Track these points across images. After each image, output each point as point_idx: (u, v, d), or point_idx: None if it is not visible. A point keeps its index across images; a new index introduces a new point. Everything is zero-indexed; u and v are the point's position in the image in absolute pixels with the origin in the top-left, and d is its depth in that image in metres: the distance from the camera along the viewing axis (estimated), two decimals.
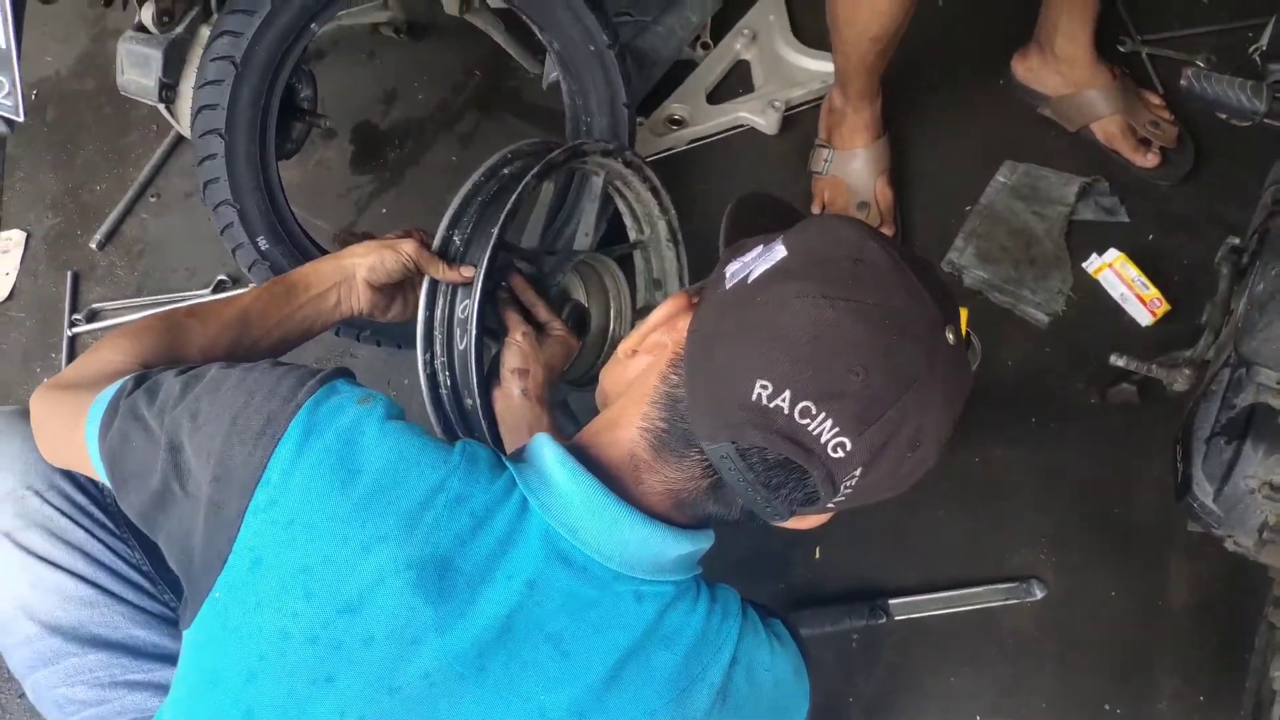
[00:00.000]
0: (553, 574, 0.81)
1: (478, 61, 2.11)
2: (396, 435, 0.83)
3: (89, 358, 1.05)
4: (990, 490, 1.65)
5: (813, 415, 0.75)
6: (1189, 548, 1.56)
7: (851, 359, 0.75)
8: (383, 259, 1.21)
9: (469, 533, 0.80)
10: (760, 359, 0.76)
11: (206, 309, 1.13)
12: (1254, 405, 1.14)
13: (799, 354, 0.75)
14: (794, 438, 0.76)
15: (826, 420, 0.75)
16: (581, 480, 0.82)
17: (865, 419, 0.75)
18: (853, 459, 0.76)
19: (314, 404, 0.83)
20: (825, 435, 0.75)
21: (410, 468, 0.82)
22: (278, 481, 0.80)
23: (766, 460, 0.77)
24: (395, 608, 0.78)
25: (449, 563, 0.79)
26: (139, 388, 0.92)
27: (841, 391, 0.75)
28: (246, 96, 1.46)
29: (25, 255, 2.04)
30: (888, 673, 1.55)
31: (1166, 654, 1.53)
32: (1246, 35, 1.89)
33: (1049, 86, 1.87)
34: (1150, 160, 1.82)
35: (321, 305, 1.20)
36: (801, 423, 0.75)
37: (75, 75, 2.21)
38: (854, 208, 1.83)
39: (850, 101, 1.79)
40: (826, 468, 0.77)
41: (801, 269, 0.78)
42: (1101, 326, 1.74)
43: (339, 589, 0.78)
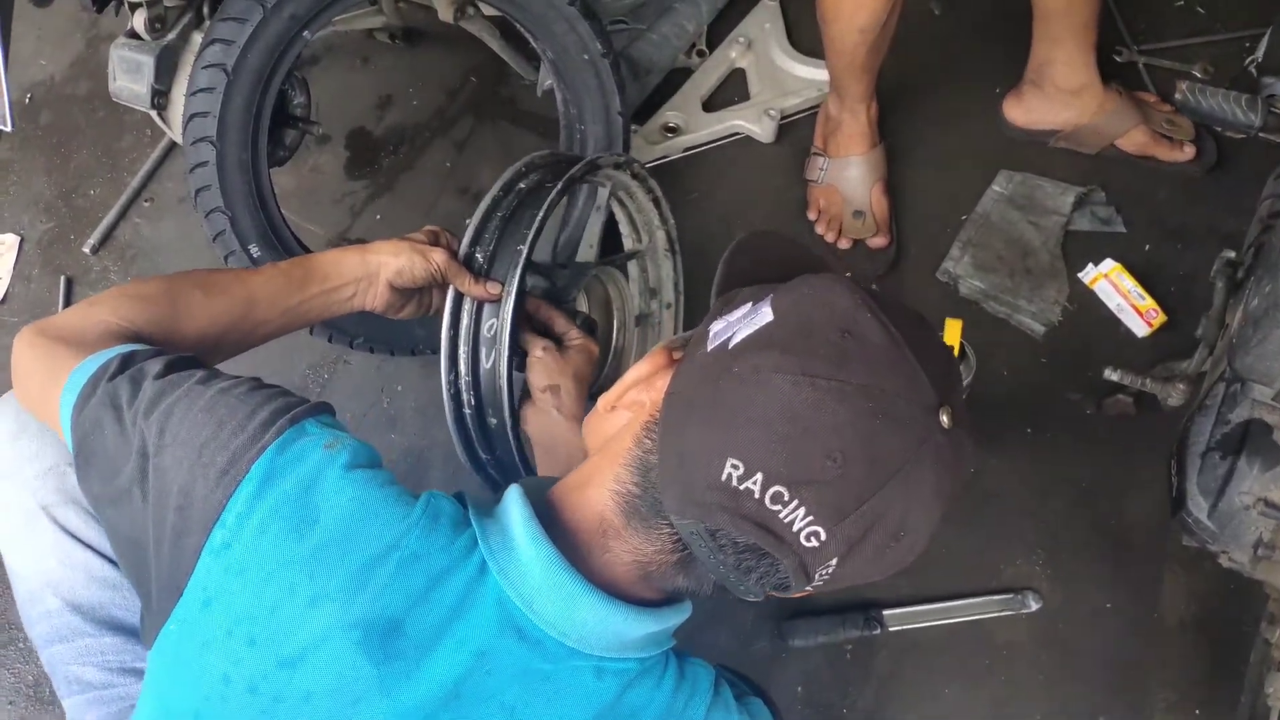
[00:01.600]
0: (505, 645, 0.78)
1: (473, 68, 2.10)
2: (357, 485, 0.80)
3: (84, 310, 1.01)
4: (985, 501, 1.64)
5: (785, 502, 0.71)
6: (1184, 561, 1.55)
7: (829, 445, 0.70)
8: (411, 264, 1.18)
9: (421, 594, 0.77)
10: (733, 437, 0.72)
11: (214, 281, 1.10)
12: (1249, 421, 1.13)
13: (773, 436, 0.71)
14: (764, 524, 0.71)
15: (799, 508, 0.71)
16: (542, 548, 0.78)
17: (842, 509, 0.71)
18: (827, 549, 0.72)
19: (280, 446, 0.81)
20: (798, 524, 0.71)
21: (367, 521, 0.79)
22: (234, 525, 0.78)
23: (737, 544, 0.73)
24: (337, 666, 0.75)
25: (397, 624, 0.76)
26: (123, 372, 0.89)
27: (817, 479, 0.70)
28: (238, 104, 1.45)
29: (18, 259, 2.03)
30: (882, 684, 1.54)
31: (1161, 668, 1.52)
32: (1243, 45, 1.88)
33: (1058, 121, 1.83)
34: (1188, 152, 1.81)
35: (336, 297, 1.17)
36: (772, 509, 0.71)
37: (69, 80, 2.20)
38: (849, 216, 1.82)
39: (846, 106, 1.78)
40: (799, 557, 0.72)
41: (785, 339, 0.74)
42: (1097, 337, 1.73)
43: (282, 642, 0.76)
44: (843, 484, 0.70)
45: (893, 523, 0.72)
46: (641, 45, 1.98)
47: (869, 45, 1.63)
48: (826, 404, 0.70)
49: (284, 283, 1.13)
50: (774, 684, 1.54)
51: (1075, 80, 1.79)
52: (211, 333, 1.06)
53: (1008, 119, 1.89)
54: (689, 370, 0.78)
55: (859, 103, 1.77)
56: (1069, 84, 1.80)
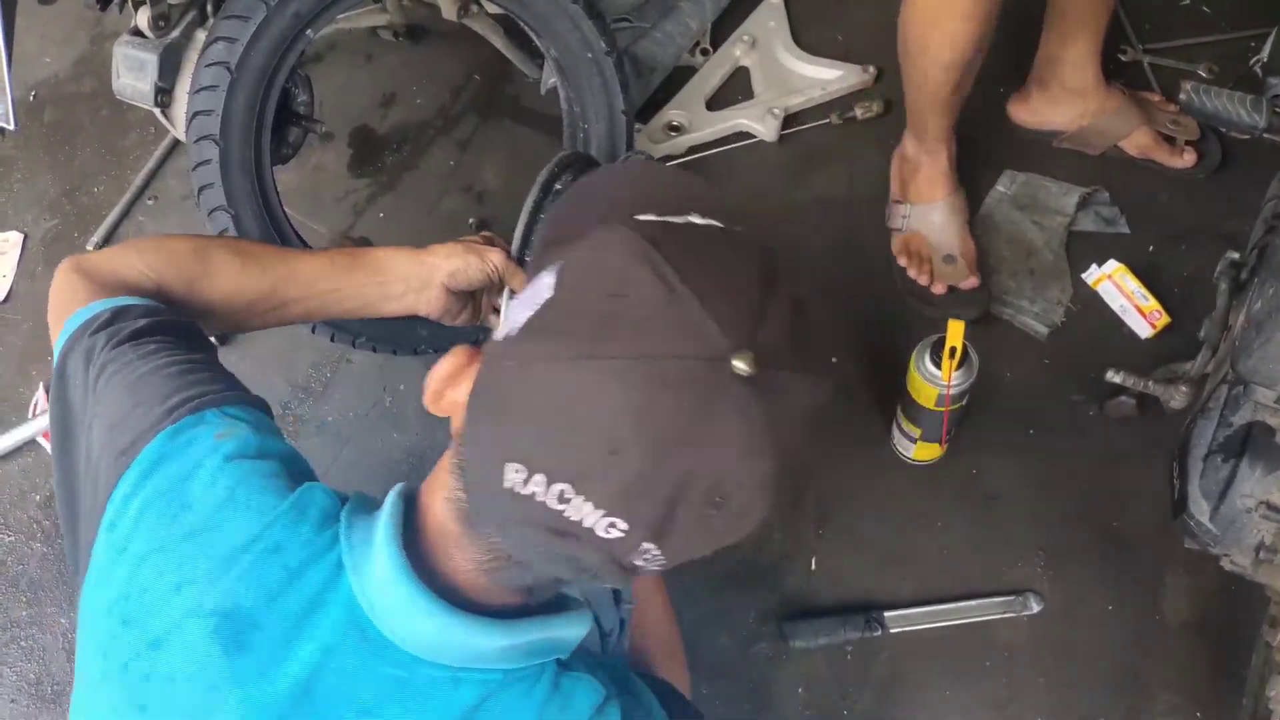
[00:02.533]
0: (350, 645, 0.74)
1: (476, 66, 2.10)
2: (234, 474, 0.80)
3: (117, 253, 1.02)
4: (987, 502, 1.64)
5: (568, 499, 0.64)
6: (1186, 564, 1.55)
7: (600, 431, 0.63)
8: (467, 265, 1.14)
9: (279, 587, 0.75)
10: (509, 439, 0.67)
11: (252, 251, 1.09)
12: (1251, 424, 1.13)
13: (544, 433, 0.65)
14: (556, 527, 0.66)
15: (586, 503, 0.64)
16: (389, 549, 0.74)
17: (630, 493, 0.64)
18: (633, 537, 0.65)
19: (173, 432, 0.81)
20: (589, 519, 0.65)
21: (236, 511, 0.78)
22: (120, 504, 0.79)
23: (546, 548, 0.68)
24: (193, 653, 0.74)
25: (251, 616, 0.74)
26: (106, 327, 0.90)
27: (595, 469, 0.64)
28: (241, 102, 1.45)
29: (22, 257, 2.04)
30: (882, 686, 1.54)
31: (1163, 670, 1.52)
32: (1249, 45, 1.88)
33: (1061, 121, 1.83)
34: (1189, 159, 1.81)
35: (383, 291, 1.13)
36: (558, 509, 0.65)
37: (73, 77, 2.21)
38: (939, 261, 1.75)
39: (924, 147, 1.72)
40: (605, 551, 0.66)
41: (553, 320, 0.67)
42: (1101, 338, 1.73)
43: (149, 623, 0.76)
44: (623, 468, 0.63)
45: (701, 491, 0.64)
46: (645, 43, 1.98)
47: (954, 83, 1.58)
48: (588, 386, 0.64)
49: (327, 266, 1.11)
50: (775, 685, 1.54)
51: (1081, 80, 1.78)
52: (238, 300, 1.06)
53: (1013, 119, 1.88)
54: (484, 366, 0.73)
55: (938, 142, 1.71)
56: (1075, 84, 1.79)
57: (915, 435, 1.59)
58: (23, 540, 1.78)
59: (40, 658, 1.69)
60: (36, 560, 1.76)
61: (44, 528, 1.79)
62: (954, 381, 1.46)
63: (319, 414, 1.80)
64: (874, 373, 1.73)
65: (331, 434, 1.79)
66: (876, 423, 1.69)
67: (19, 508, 1.81)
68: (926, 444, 1.60)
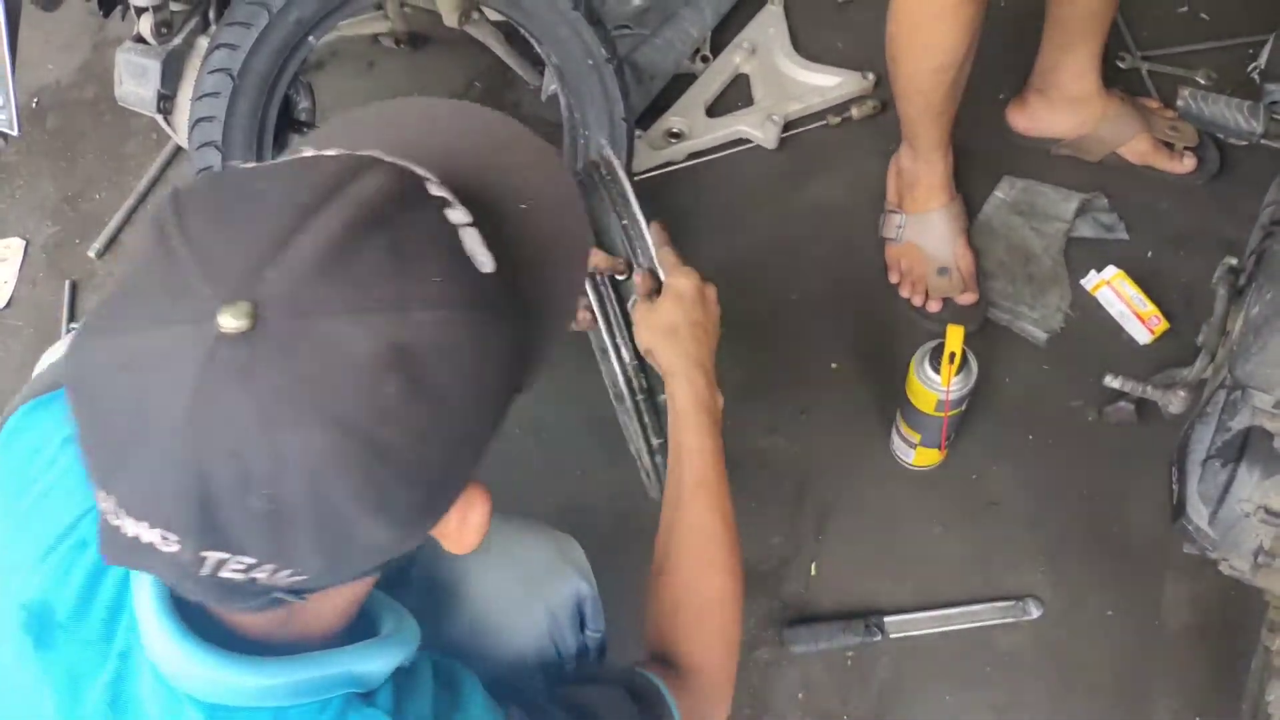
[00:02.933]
0: (139, 658, 0.68)
1: (477, 73, 2.11)
2: (70, 457, 0.74)
3: None
4: (986, 508, 1.64)
5: (118, 512, 0.56)
6: (1186, 569, 1.55)
7: (105, 423, 0.55)
8: None
9: (81, 588, 0.71)
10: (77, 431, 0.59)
11: None
12: (1249, 428, 1.13)
13: (80, 426, 0.57)
14: (123, 545, 0.58)
15: (128, 515, 0.56)
16: None
17: (150, 495, 0.55)
18: (188, 547, 0.56)
19: (32, 407, 0.79)
20: (142, 534, 0.56)
21: (64, 497, 0.73)
22: None
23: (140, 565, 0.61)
24: (12, 644, 0.71)
25: (53, 614, 0.70)
26: None
27: (113, 466, 0.56)
28: (243, 109, 1.46)
29: (24, 263, 2.04)
30: (882, 691, 1.54)
31: (1163, 675, 1.52)
32: (1246, 52, 1.88)
33: (1061, 129, 1.82)
34: (1188, 164, 1.81)
35: None
36: (115, 525, 0.57)
37: (76, 84, 2.21)
38: (933, 274, 1.75)
39: (920, 156, 1.71)
40: (178, 567, 0.57)
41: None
42: (1100, 344, 1.73)
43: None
44: (133, 466, 0.54)
45: (228, 482, 0.53)
46: (645, 50, 1.99)
47: (945, 87, 1.56)
48: (85, 378, 0.56)
49: None
50: (774, 690, 1.54)
51: (1081, 88, 1.79)
52: None
53: (1012, 127, 1.88)
54: None
55: (934, 151, 1.70)
56: (1074, 91, 1.79)
57: (915, 441, 1.59)
58: None
59: None
60: None
61: None
62: (953, 387, 1.46)
63: None
64: (873, 378, 1.74)
65: None
66: (876, 428, 1.69)
67: None
68: (926, 449, 1.60)
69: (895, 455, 1.67)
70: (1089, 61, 1.76)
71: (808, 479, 1.67)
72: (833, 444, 1.70)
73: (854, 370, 1.76)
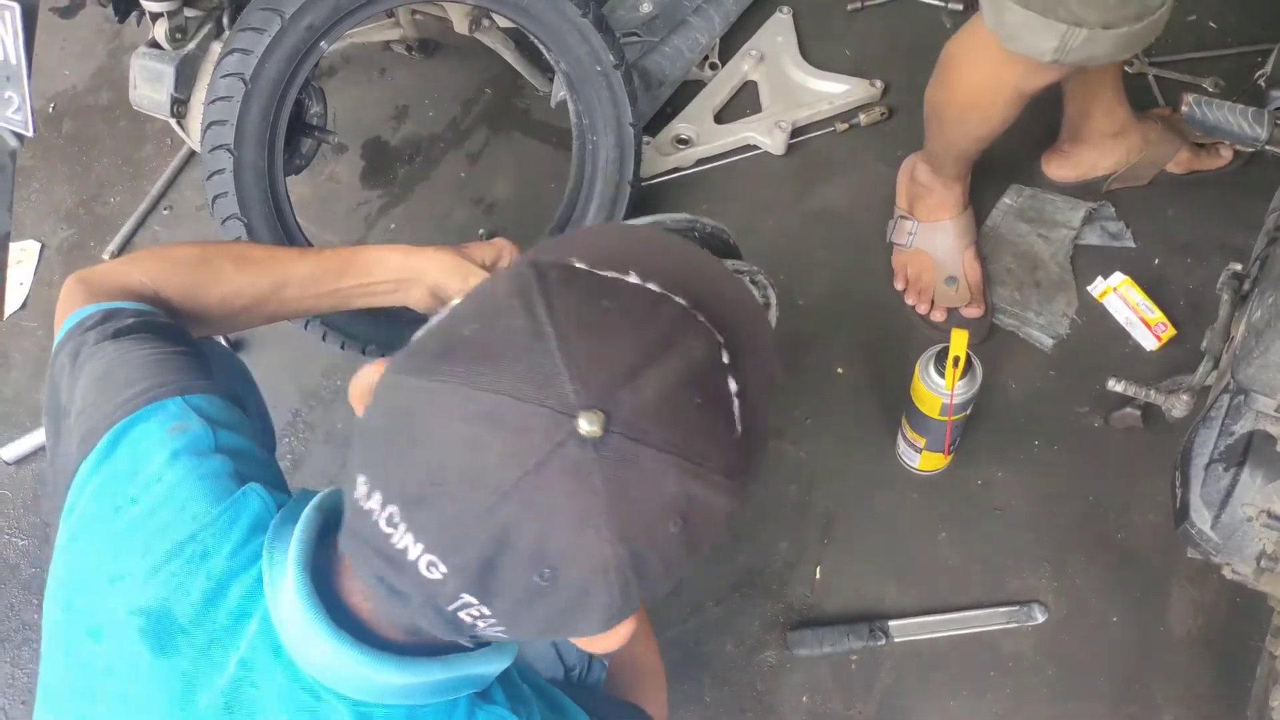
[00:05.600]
0: (264, 660, 0.73)
1: (487, 79, 2.12)
2: (178, 472, 0.79)
3: (118, 264, 1.05)
4: (992, 512, 1.64)
5: (396, 524, 0.61)
6: (1191, 574, 1.55)
7: (430, 455, 0.60)
8: (449, 282, 1.15)
9: (204, 596, 0.74)
10: (361, 449, 0.64)
11: (247, 256, 1.11)
12: (1252, 432, 1.13)
13: (382, 446, 0.63)
14: (383, 550, 0.62)
15: (409, 533, 0.61)
16: (297, 570, 0.71)
17: (448, 532, 0.60)
18: (451, 583, 0.61)
19: (131, 422, 0.82)
20: (412, 551, 0.61)
21: (176, 511, 0.77)
22: (75, 492, 0.80)
23: (379, 575, 0.65)
24: (125, 649, 0.74)
25: (176, 620, 0.74)
26: (97, 326, 0.92)
27: (421, 496, 0.60)
28: (256, 113, 1.48)
29: (39, 266, 2.06)
30: (886, 695, 1.54)
31: (1167, 681, 1.52)
32: (1254, 60, 1.89)
33: (1108, 166, 1.82)
34: (1226, 155, 1.82)
35: (374, 290, 1.16)
36: (386, 532, 0.61)
37: (91, 89, 2.24)
38: (941, 283, 1.76)
39: (940, 180, 1.73)
40: (424, 590, 0.62)
41: (420, 339, 0.65)
42: (1106, 350, 1.73)
43: (88, 613, 0.76)
44: (445, 501, 0.60)
45: (525, 553, 0.59)
46: (654, 57, 2.00)
47: (986, 145, 1.60)
48: (417, 408, 0.61)
49: (319, 271, 1.13)
50: (779, 694, 1.55)
51: (1116, 123, 1.78)
52: (234, 305, 1.08)
53: (1054, 178, 1.87)
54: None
55: (955, 179, 1.72)
56: (1111, 129, 1.79)
57: (920, 445, 1.60)
58: (36, 544, 1.80)
59: None
60: (49, 564, 1.78)
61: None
62: (957, 391, 1.47)
63: (329, 421, 1.82)
64: (879, 383, 1.74)
65: (340, 442, 1.80)
66: (882, 432, 1.69)
67: (33, 512, 1.83)
68: (931, 454, 1.61)
69: (900, 460, 1.67)
70: (1116, 96, 1.76)
71: (813, 483, 1.68)
72: (838, 448, 1.71)
73: (859, 375, 1.76)
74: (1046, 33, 1.29)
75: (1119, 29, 1.28)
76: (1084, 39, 1.28)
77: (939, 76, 1.56)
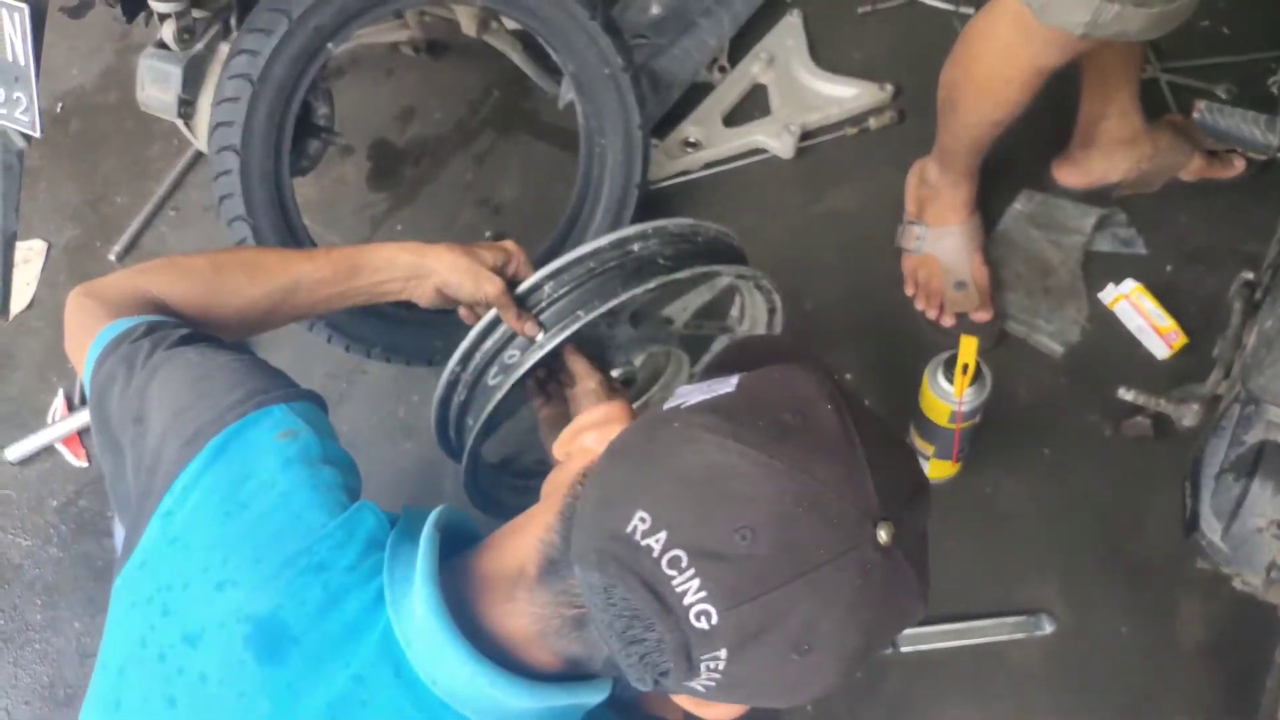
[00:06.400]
0: (381, 678, 0.74)
1: (495, 81, 2.12)
2: (292, 480, 0.80)
3: (128, 276, 1.04)
4: (1000, 521, 1.63)
5: (681, 568, 0.64)
6: (1201, 585, 1.53)
7: (741, 517, 0.64)
8: (460, 284, 1.16)
9: (319, 608, 0.75)
10: (648, 488, 0.67)
11: (259, 265, 1.11)
12: (1263, 443, 1.12)
13: (687, 495, 0.66)
14: (655, 587, 0.65)
15: (695, 579, 0.64)
16: (427, 588, 0.73)
17: (739, 592, 0.64)
18: (716, 635, 0.65)
19: (240, 427, 0.82)
20: (690, 597, 0.64)
21: (290, 520, 0.78)
22: (179, 495, 0.80)
23: (629, 605, 0.67)
24: (226, 655, 0.74)
25: (288, 629, 0.74)
26: (147, 336, 0.92)
27: (720, 551, 0.64)
28: (263, 114, 1.48)
29: (45, 265, 2.06)
30: (892, 704, 1.53)
31: (1176, 693, 1.50)
32: (1268, 67, 1.87)
33: (1119, 173, 1.81)
34: (1239, 165, 1.81)
35: (383, 289, 1.17)
36: (668, 573, 0.65)
37: (99, 89, 2.24)
38: (950, 288, 1.76)
39: (949, 179, 1.72)
40: (683, 634, 0.65)
41: (730, 407, 0.69)
42: (1117, 358, 1.72)
43: (188, 617, 0.76)
44: (746, 564, 0.64)
45: (796, 628, 0.65)
46: (663, 60, 1.99)
47: (998, 133, 1.59)
48: (749, 474, 0.65)
49: (330, 273, 1.13)
50: None
51: (1130, 129, 1.77)
52: (250, 315, 1.09)
53: (1064, 184, 1.86)
54: (637, 422, 0.75)
55: (964, 177, 1.72)
56: (1124, 134, 1.78)
57: (928, 453, 1.58)
58: (39, 545, 1.80)
59: (54, 661, 1.71)
60: (52, 565, 1.78)
61: (60, 533, 1.81)
62: (966, 398, 1.46)
63: (333, 424, 1.81)
64: (888, 389, 1.73)
65: (345, 444, 1.78)
66: None
67: (36, 513, 1.83)
68: (940, 461, 1.59)
69: None
70: (1131, 102, 1.75)
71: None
72: None
73: (868, 381, 1.75)
74: (1080, 6, 1.28)
75: (1151, 8, 1.28)
76: (1115, 15, 1.27)
77: (956, 55, 1.56)
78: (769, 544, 0.64)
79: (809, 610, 0.64)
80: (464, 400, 1.25)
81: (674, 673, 0.68)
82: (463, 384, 1.23)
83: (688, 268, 1.18)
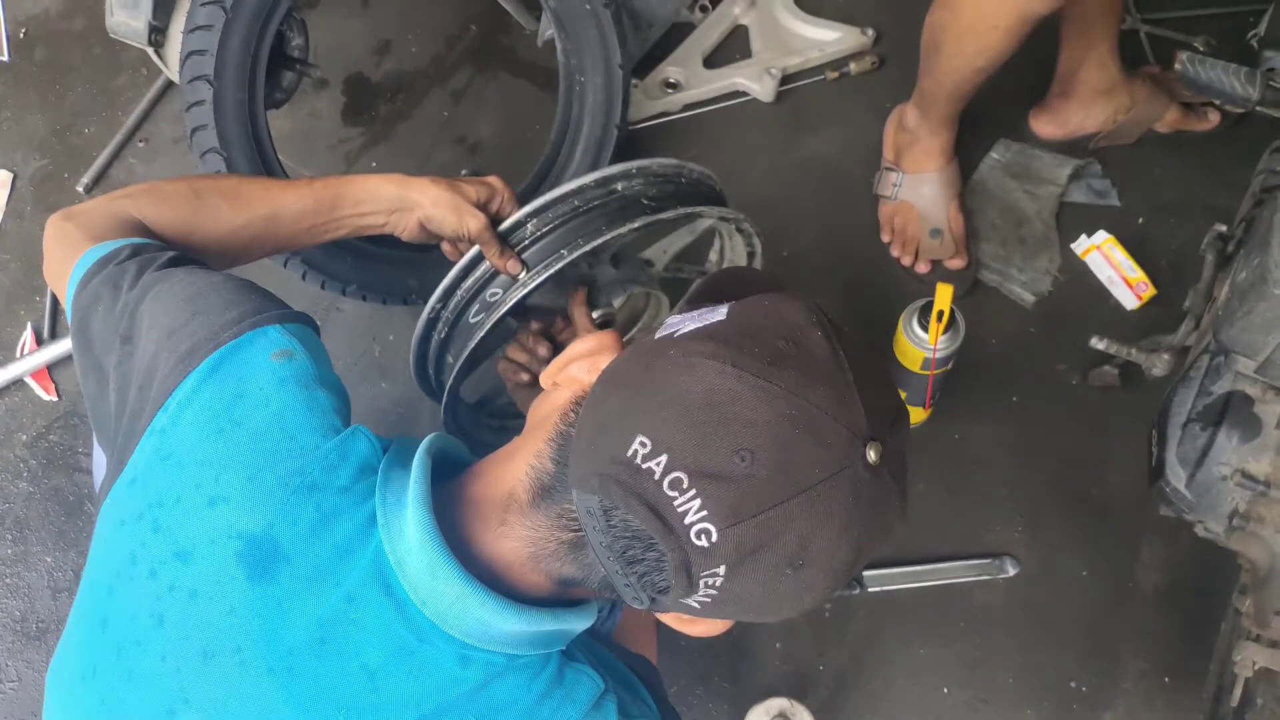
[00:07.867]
0: (372, 596, 0.75)
1: (473, 16, 2.08)
2: (286, 400, 0.80)
3: (108, 201, 1.03)
4: (968, 466, 1.66)
5: (682, 489, 0.67)
6: (1162, 531, 1.57)
7: (741, 439, 0.66)
8: (443, 218, 1.15)
9: (311, 527, 0.75)
10: (648, 413, 0.69)
11: (240, 192, 1.10)
12: (1230, 393, 1.14)
13: (687, 419, 0.67)
14: (656, 508, 0.67)
15: (695, 499, 0.66)
16: (419, 511, 0.74)
17: (738, 510, 0.66)
18: (715, 553, 0.67)
19: (234, 347, 0.82)
20: (690, 516, 0.67)
21: (283, 439, 0.78)
22: (174, 411, 0.80)
23: (628, 526, 0.69)
24: (217, 571, 0.75)
25: (279, 548, 0.75)
26: (133, 258, 0.92)
27: (721, 472, 0.66)
28: (236, 43, 1.44)
29: (11, 196, 2.02)
30: (858, 642, 1.56)
31: (1134, 635, 1.55)
32: (1248, 20, 1.87)
33: (1095, 124, 1.81)
34: (1214, 118, 1.82)
35: (366, 221, 1.16)
36: (669, 494, 0.67)
37: (65, 14, 2.18)
38: (926, 235, 1.76)
39: (927, 125, 1.71)
40: (684, 553, 0.68)
41: (725, 334, 0.71)
42: (1087, 308, 1.74)
43: (179, 533, 0.76)
44: (746, 484, 0.66)
45: (791, 544, 0.67)
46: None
47: (980, 80, 1.58)
48: (748, 398, 0.67)
49: (312, 204, 1.12)
50: (753, 639, 1.57)
51: (1107, 79, 1.77)
52: (231, 244, 1.08)
53: (1040, 134, 1.86)
54: (631, 352, 0.76)
55: (943, 124, 1.71)
56: (1102, 84, 1.77)
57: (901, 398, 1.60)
58: (9, 479, 1.79)
59: (26, 595, 1.70)
60: (22, 499, 1.77)
61: (30, 467, 1.79)
62: (940, 345, 1.47)
63: None
64: (862, 334, 1.74)
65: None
66: None
67: (5, 447, 1.81)
68: (911, 407, 1.61)
69: None
70: (1110, 53, 1.74)
71: None
72: None
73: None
74: None
75: None
76: None
77: (936, 7, 1.54)
78: (768, 465, 0.66)
79: (804, 527, 0.67)
80: (444, 338, 1.24)
81: (673, 589, 0.70)
82: (443, 321, 1.22)
83: (672, 209, 1.18)
